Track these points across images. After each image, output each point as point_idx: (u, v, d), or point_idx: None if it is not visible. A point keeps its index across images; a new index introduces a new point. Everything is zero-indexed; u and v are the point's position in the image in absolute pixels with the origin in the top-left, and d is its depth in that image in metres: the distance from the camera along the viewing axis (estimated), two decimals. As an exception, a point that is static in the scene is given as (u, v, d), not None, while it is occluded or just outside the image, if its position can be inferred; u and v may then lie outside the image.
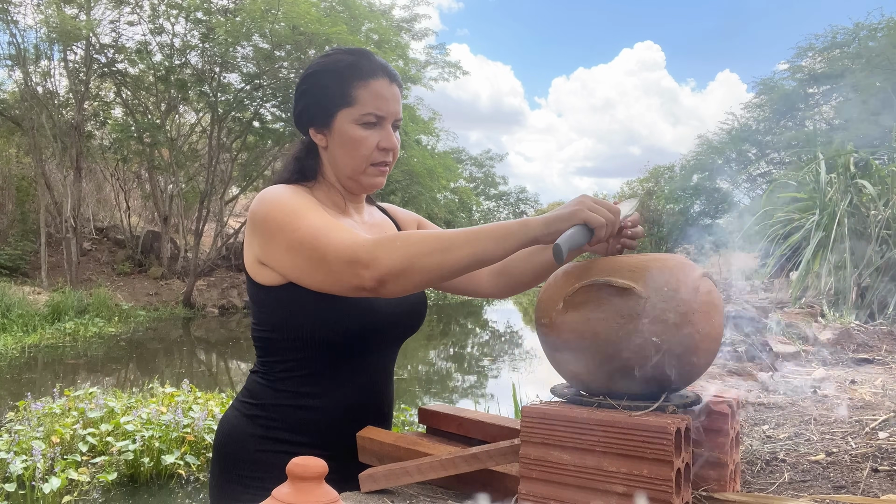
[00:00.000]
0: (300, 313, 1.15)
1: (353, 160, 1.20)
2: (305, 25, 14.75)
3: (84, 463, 4.40)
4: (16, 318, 11.63)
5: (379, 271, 0.97)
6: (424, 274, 0.98)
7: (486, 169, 42.43)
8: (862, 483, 1.20)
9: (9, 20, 14.82)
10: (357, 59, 1.20)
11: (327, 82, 1.19)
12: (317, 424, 1.19)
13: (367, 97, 1.17)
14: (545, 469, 1.02)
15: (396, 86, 1.22)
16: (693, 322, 1.00)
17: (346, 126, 1.18)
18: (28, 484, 3.95)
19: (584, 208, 0.95)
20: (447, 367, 10.29)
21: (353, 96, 1.18)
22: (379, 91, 1.18)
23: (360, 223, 1.28)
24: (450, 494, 1.33)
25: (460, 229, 1.00)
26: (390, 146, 1.20)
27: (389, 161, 1.22)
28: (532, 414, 1.04)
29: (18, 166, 18.13)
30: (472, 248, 0.97)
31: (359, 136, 1.18)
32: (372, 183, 1.23)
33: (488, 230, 0.98)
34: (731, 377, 2.56)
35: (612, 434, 0.96)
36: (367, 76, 1.18)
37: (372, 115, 1.18)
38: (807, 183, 5.92)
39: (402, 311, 1.26)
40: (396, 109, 1.21)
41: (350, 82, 1.18)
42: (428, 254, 0.97)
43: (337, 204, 1.25)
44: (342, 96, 1.18)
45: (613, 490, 0.96)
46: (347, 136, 1.18)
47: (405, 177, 19.02)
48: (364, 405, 1.24)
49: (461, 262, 0.97)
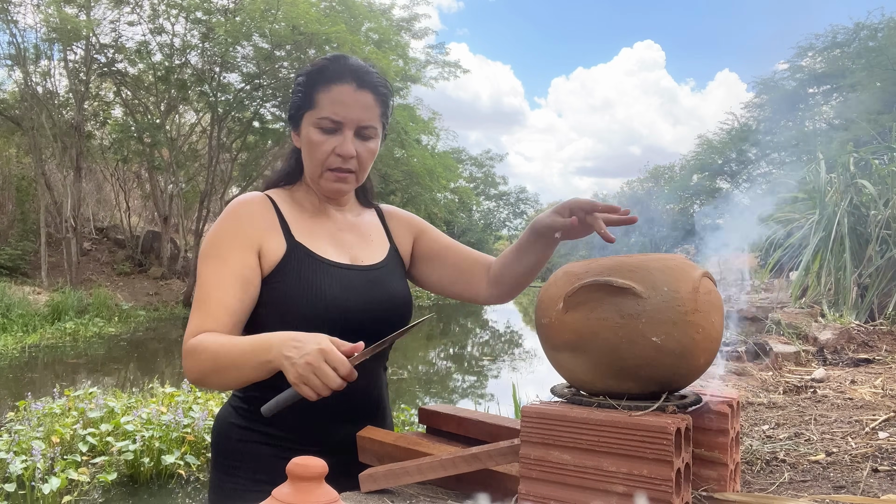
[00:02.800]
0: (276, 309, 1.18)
1: (310, 164, 1.23)
2: (305, 25, 14.75)
3: (84, 463, 4.39)
4: (16, 318, 11.63)
5: (187, 376, 1.12)
6: (212, 386, 1.13)
7: (486, 169, 42.49)
8: (862, 483, 1.20)
9: (9, 20, 14.83)
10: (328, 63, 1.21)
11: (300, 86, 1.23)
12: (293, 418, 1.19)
13: (326, 101, 1.19)
14: (545, 469, 1.02)
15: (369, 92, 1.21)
16: (693, 322, 1.00)
17: (308, 129, 1.21)
18: (28, 484, 3.95)
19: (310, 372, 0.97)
20: (447, 367, 10.29)
21: (315, 100, 1.20)
22: (339, 96, 1.18)
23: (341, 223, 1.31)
24: (450, 494, 1.33)
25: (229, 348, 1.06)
26: (346, 153, 1.19)
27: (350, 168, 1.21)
28: (532, 414, 1.04)
29: (18, 166, 18.13)
30: (237, 374, 1.06)
31: (315, 139, 1.19)
32: (331, 188, 1.24)
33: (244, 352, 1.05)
34: (731, 377, 2.56)
35: (612, 434, 0.96)
36: (331, 81, 1.19)
37: (328, 119, 1.18)
38: (807, 183, 5.92)
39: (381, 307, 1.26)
40: (359, 116, 1.19)
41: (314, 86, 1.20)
42: (210, 373, 1.08)
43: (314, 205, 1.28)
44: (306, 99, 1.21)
45: (613, 490, 0.96)
46: (307, 139, 1.21)
47: (405, 177, 19.02)
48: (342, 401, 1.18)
49: (231, 384, 1.10)
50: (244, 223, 1.19)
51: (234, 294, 1.14)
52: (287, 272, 1.18)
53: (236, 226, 1.19)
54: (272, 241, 1.20)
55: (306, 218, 1.26)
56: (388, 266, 1.33)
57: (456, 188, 29.42)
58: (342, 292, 1.20)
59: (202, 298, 1.14)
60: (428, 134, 21.98)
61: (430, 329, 15.22)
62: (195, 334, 1.12)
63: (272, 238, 1.20)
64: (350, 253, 1.28)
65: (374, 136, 1.23)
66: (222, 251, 1.16)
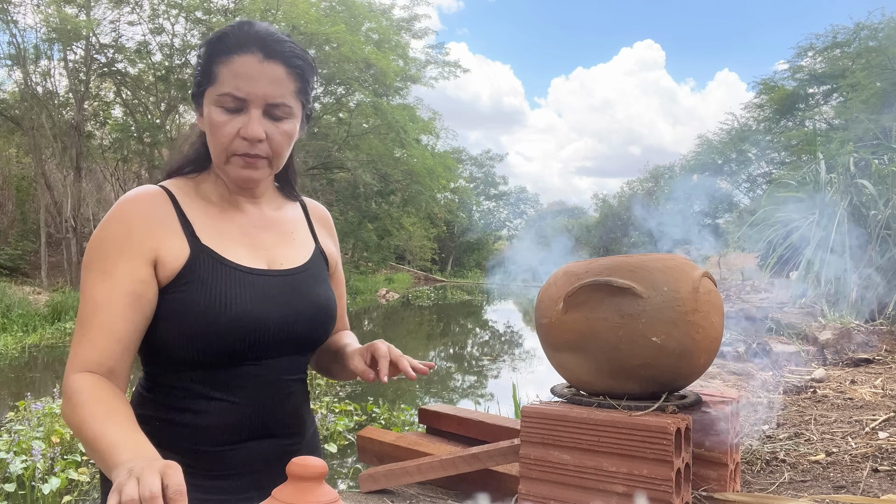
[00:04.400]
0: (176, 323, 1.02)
1: (215, 148, 1.04)
2: (305, 25, 14.76)
3: (84, 463, 4.39)
4: (16, 318, 11.63)
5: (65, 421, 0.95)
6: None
7: (486, 169, 42.49)
8: (862, 483, 1.20)
9: (9, 20, 14.83)
10: (230, 30, 1.03)
11: (200, 58, 1.05)
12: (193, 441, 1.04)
13: (228, 75, 1.00)
14: (545, 469, 1.02)
15: (280, 64, 1.01)
16: (693, 322, 1.00)
17: (209, 108, 1.03)
18: (28, 484, 3.95)
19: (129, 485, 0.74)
20: (447, 367, 10.29)
21: (215, 73, 1.01)
22: (241, 69, 0.99)
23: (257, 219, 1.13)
24: (450, 494, 1.32)
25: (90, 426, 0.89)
26: (252, 135, 1.00)
27: (258, 153, 1.03)
28: (532, 414, 1.04)
29: (18, 166, 18.14)
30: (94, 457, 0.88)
31: (217, 120, 1.01)
32: (239, 176, 1.05)
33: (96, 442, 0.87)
34: (731, 377, 2.56)
35: (612, 434, 0.96)
36: (232, 51, 1.00)
37: (229, 95, 1.00)
38: (807, 183, 5.92)
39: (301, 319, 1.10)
40: (266, 92, 1.00)
41: (214, 57, 1.01)
42: (76, 432, 0.92)
43: (223, 198, 1.10)
44: (206, 73, 1.03)
45: (613, 490, 0.96)
46: (207, 119, 1.03)
47: (405, 176, 19.01)
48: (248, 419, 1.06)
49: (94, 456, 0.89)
50: (133, 227, 1.00)
51: (123, 315, 0.97)
52: (190, 280, 1.01)
53: (124, 231, 1.00)
54: (171, 245, 1.01)
55: (214, 214, 1.08)
56: (312, 269, 1.15)
57: (456, 188, 29.41)
58: (254, 303, 1.03)
59: (85, 322, 0.97)
60: (428, 134, 21.97)
61: (430, 329, 15.22)
62: (79, 369, 0.96)
63: (170, 242, 1.01)
64: (267, 255, 1.10)
65: (288, 117, 1.04)
66: (107, 263, 0.98)
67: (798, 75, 19.94)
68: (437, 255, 36.51)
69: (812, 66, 19.56)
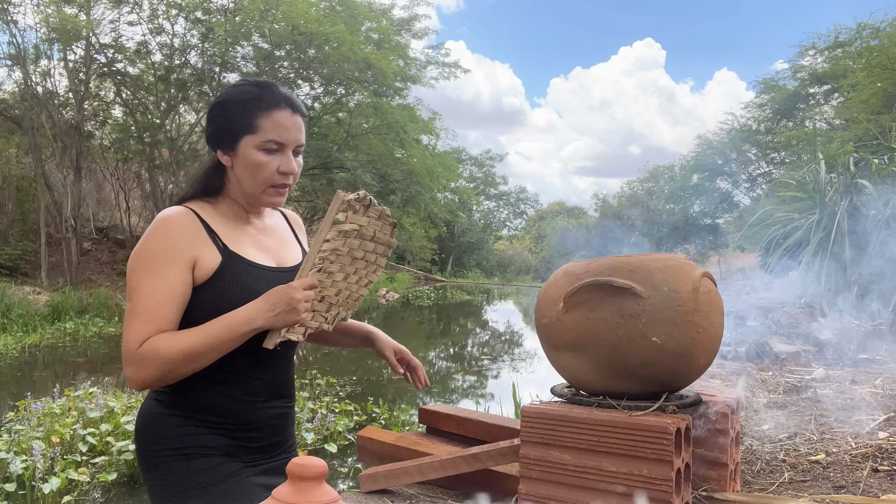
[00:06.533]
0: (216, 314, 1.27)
1: (254, 181, 1.33)
2: (304, 25, 14.75)
3: (84, 463, 4.39)
4: (16, 318, 11.63)
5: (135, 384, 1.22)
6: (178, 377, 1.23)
7: (486, 169, 42.42)
8: (862, 483, 1.20)
9: (9, 20, 14.82)
10: (261, 91, 1.34)
11: (234, 112, 1.33)
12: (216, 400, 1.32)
13: (269, 126, 1.31)
14: (545, 469, 1.02)
15: (299, 116, 1.36)
16: (693, 322, 1.00)
17: (248, 151, 1.31)
18: (28, 484, 3.95)
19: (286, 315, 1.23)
20: (447, 367, 10.29)
21: (256, 125, 1.31)
22: (280, 121, 1.32)
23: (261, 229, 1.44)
24: (450, 494, 1.32)
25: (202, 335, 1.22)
26: (289, 170, 1.34)
27: (289, 183, 1.36)
28: (532, 414, 1.04)
29: (18, 166, 18.11)
30: (214, 355, 1.22)
31: (260, 160, 1.31)
32: (271, 202, 1.38)
33: (221, 333, 1.22)
34: (731, 377, 2.56)
35: (612, 434, 0.96)
36: (271, 107, 1.32)
37: (273, 142, 1.31)
38: (807, 183, 5.92)
39: None
40: (297, 137, 1.34)
41: (254, 112, 1.31)
42: (181, 366, 1.21)
43: (238, 215, 1.40)
44: (246, 124, 1.31)
45: (613, 490, 0.96)
46: (250, 160, 1.32)
47: (405, 176, 19.00)
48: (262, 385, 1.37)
49: (199, 368, 1.23)
50: (177, 239, 1.27)
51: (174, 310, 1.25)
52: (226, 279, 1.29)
53: (170, 243, 1.27)
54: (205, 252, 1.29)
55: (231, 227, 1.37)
56: None
57: (456, 188, 29.37)
58: None
59: (142, 311, 1.23)
60: (428, 134, 21.95)
61: (430, 329, 15.21)
62: (141, 342, 1.21)
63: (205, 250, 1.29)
64: (274, 256, 1.41)
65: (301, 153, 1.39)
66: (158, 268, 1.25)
67: (799, 75, 19.92)
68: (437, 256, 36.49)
69: (813, 66, 19.54)
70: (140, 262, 1.26)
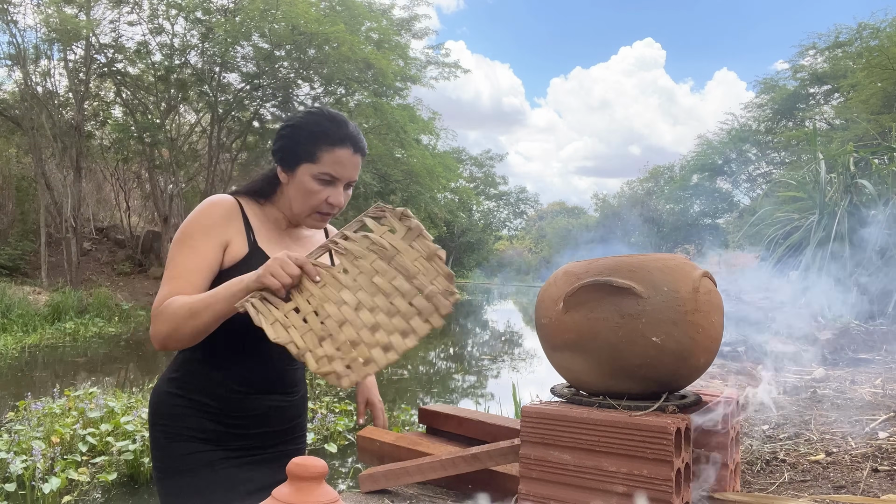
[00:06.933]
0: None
1: (303, 205, 1.44)
2: (305, 25, 14.74)
3: (84, 463, 4.39)
4: (16, 318, 11.63)
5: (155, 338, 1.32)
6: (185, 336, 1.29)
7: (486, 169, 42.39)
8: (862, 483, 1.20)
9: (9, 20, 14.82)
10: (331, 126, 1.42)
11: (301, 138, 1.42)
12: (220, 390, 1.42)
13: (329, 160, 1.41)
14: (545, 469, 1.02)
15: (360, 155, 1.45)
16: (693, 322, 1.00)
17: (305, 177, 1.42)
18: (28, 484, 3.95)
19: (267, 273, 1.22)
20: (447, 367, 10.29)
21: (318, 156, 1.41)
22: (340, 158, 1.41)
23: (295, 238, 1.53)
24: (450, 494, 1.33)
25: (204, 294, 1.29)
26: (337, 203, 1.45)
27: (333, 213, 1.47)
28: (532, 414, 1.04)
29: (18, 166, 18.12)
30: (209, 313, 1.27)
31: (313, 188, 1.41)
32: (313, 226, 1.50)
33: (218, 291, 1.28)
34: (731, 377, 2.56)
35: (612, 434, 0.96)
36: (335, 144, 1.41)
37: (329, 174, 1.41)
38: (807, 183, 5.92)
39: None
40: (352, 174, 1.45)
41: (318, 144, 1.41)
42: (183, 322, 1.27)
43: (278, 221, 1.51)
44: (308, 153, 1.41)
45: (613, 490, 0.96)
46: (304, 185, 1.42)
47: (405, 176, 18.99)
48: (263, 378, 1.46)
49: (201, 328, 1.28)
50: (217, 220, 1.39)
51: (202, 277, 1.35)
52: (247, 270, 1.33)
53: (210, 222, 1.39)
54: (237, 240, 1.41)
55: (269, 229, 1.48)
56: None
57: (456, 188, 29.35)
58: None
59: (174, 276, 1.34)
60: (428, 134, 21.94)
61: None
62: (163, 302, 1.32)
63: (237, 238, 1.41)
64: None
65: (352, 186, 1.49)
66: (196, 241, 1.37)
67: (799, 75, 19.92)
68: (436, 256, 36.39)
69: (813, 66, 19.54)
70: (181, 235, 1.38)
